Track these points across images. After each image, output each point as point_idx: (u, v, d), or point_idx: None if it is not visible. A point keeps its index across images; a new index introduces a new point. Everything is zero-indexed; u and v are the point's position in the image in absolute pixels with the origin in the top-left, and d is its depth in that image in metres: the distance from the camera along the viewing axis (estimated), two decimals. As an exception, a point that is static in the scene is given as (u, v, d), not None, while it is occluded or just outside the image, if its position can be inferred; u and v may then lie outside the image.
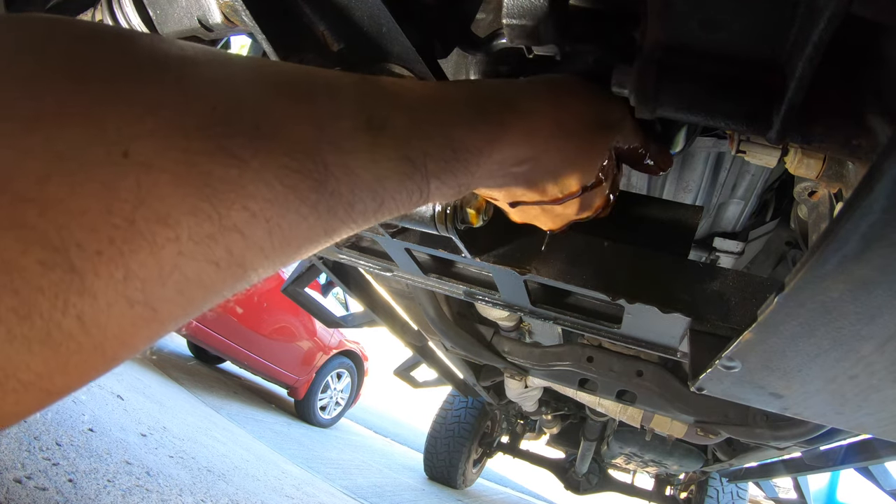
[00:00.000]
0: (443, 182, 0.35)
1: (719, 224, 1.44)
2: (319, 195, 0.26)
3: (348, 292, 1.65)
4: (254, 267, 0.25)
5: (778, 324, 0.41)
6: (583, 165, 0.50)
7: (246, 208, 0.23)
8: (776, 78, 0.43)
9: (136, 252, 0.20)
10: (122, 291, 0.20)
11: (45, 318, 0.19)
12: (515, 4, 0.49)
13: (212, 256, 0.22)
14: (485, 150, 0.39)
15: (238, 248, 0.23)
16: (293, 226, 0.26)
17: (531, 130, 0.43)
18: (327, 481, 4.19)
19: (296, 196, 0.25)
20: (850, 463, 1.95)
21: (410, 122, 0.33)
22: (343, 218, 0.29)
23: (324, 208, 0.27)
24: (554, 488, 6.10)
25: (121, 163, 0.20)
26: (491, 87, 0.43)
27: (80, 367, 0.21)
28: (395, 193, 0.32)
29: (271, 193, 0.24)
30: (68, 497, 2.10)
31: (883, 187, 0.26)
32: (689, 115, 0.47)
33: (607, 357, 1.66)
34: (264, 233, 0.24)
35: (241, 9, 0.51)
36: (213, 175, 0.22)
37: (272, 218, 0.24)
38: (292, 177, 0.25)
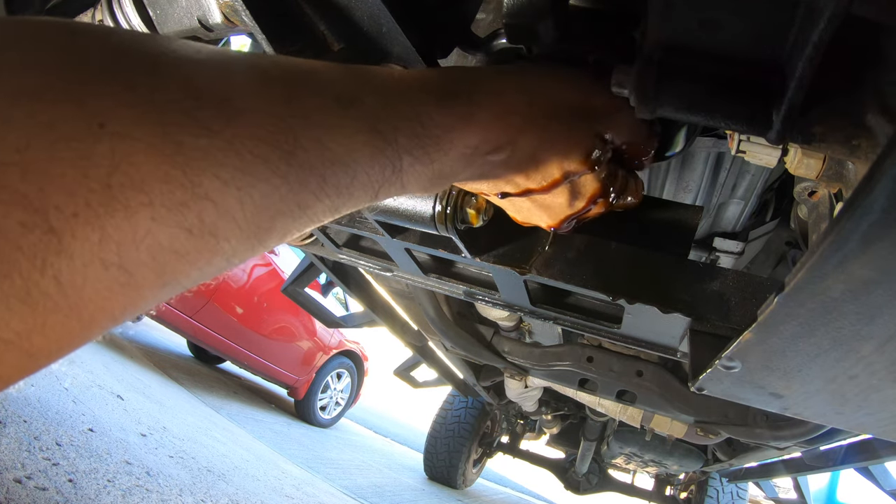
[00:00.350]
0: (416, 158, 0.36)
1: (719, 224, 1.44)
2: (289, 166, 0.27)
3: (348, 292, 1.65)
4: (226, 236, 0.26)
5: (778, 324, 0.41)
6: (562, 150, 0.49)
7: (217, 176, 0.24)
8: (776, 78, 0.43)
9: (111, 215, 0.21)
10: (98, 253, 0.21)
11: (24, 277, 0.20)
12: (515, 4, 0.49)
13: (184, 223, 0.23)
14: (455, 126, 0.39)
15: (210, 216, 0.24)
16: (264, 196, 0.27)
17: (503, 112, 0.44)
18: (327, 481, 4.19)
19: (266, 166, 0.26)
20: (850, 463, 1.95)
21: (380, 99, 0.34)
22: (315, 191, 0.29)
23: (295, 179, 0.28)
24: (554, 488, 6.10)
25: (97, 133, 0.21)
26: (462, 70, 0.44)
27: (59, 328, 0.22)
28: (368, 168, 0.33)
29: (241, 163, 0.25)
30: (68, 497, 2.10)
31: (883, 187, 0.26)
32: (689, 116, 0.47)
33: (607, 357, 1.66)
34: (235, 201, 0.25)
35: (241, 9, 0.51)
36: (185, 144, 0.23)
37: (243, 187, 0.25)
38: (262, 147, 0.26)
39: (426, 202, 0.66)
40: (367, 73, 0.36)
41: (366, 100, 0.33)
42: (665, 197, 1.30)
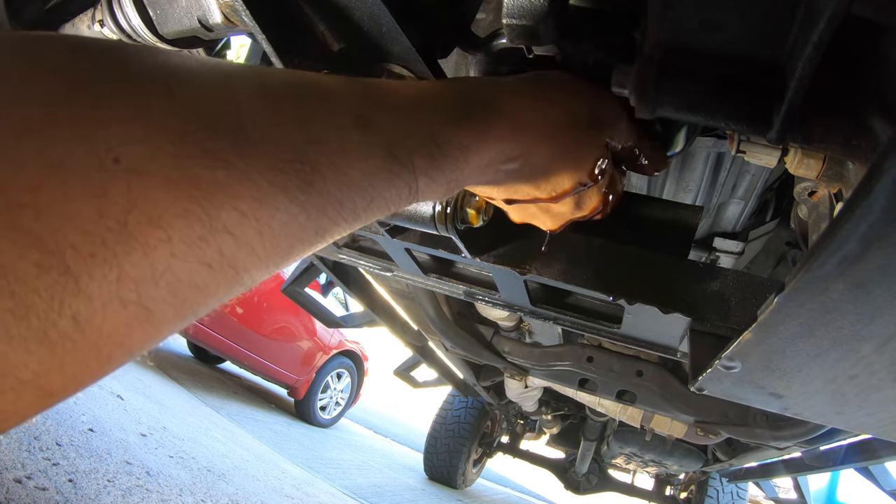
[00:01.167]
0: (431, 178, 0.36)
1: (719, 224, 1.44)
2: (308, 194, 0.27)
3: (348, 292, 1.65)
4: (246, 268, 0.25)
5: (778, 324, 0.41)
6: (574, 162, 0.50)
7: (235, 209, 0.24)
8: (776, 78, 0.43)
9: (128, 254, 0.21)
10: (116, 292, 0.21)
11: (42, 319, 0.19)
12: (515, 4, 0.49)
13: (203, 257, 0.23)
14: (471, 146, 0.39)
15: (229, 249, 0.24)
16: (283, 225, 0.26)
17: (517, 126, 0.44)
18: (327, 481, 4.19)
19: (284, 195, 0.26)
20: (850, 463, 1.95)
21: (395, 120, 0.33)
22: (333, 217, 0.29)
23: (313, 207, 0.27)
24: (554, 488, 6.10)
25: (111, 168, 0.20)
26: (477, 84, 0.44)
27: (77, 367, 0.21)
28: (384, 191, 0.32)
29: (259, 193, 0.24)
30: (68, 497, 2.10)
31: (883, 187, 0.26)
32: (689, 116, 0.47)
33: (607, 357, 1.66)
34: (255, 232, 0.25)
35: (241, 9, 0.51)
36: (201, 178, 0.23)
37: (262, 218, 0.25)
38: (280, 176, 0.25)
39: (426, 202, 0.67)
40: (381, 90, 0.35)
41: (382, 121, 0.32)
42: (665, 197, 1.30)
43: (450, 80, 0.43)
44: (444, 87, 0.41)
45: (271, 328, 5.34)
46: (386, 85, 0.36)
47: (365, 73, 0.57)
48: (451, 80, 0.43)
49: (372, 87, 0.35)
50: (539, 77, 0.50)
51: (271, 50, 0.53)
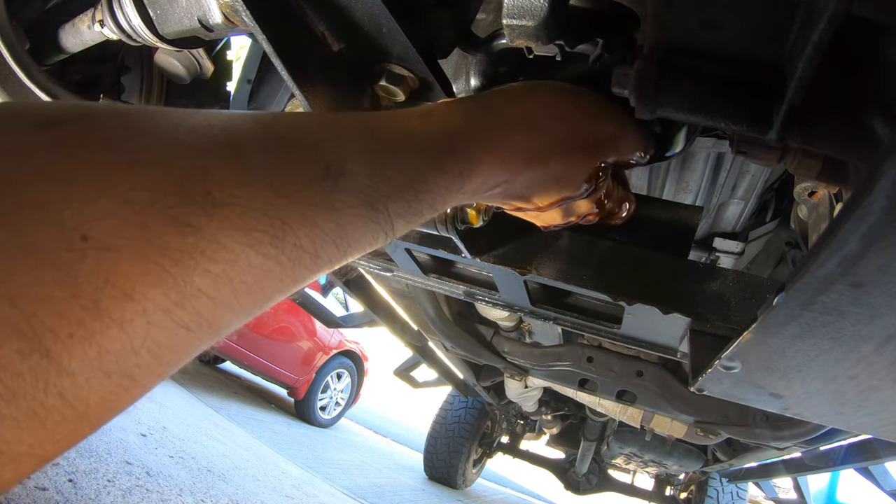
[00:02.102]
0: (408, 221, 0.35)
1: (719, 224, 1.44)
2: (280, 250, 0.27)
3: (348, 292, 1.65)
4: (225, 322, 0.26)
5: (778, 324, 0.41)
6: (562, 182, 0.49)
7: (208, 272, 0.24)
8: (776, 78, 0.43)
9: (105, 330, 0.21)
10: (98, 366, 0.21)
11: (29, 399, 0.20)
12: (515, 5, 0.49)
13: (181, 321, 0.24)
14: (452, 187, 0.38)
15: (206, 310, 0.24)
16: (258, 280, 0.26)
17: (503, 159, 0.42)
18: (327, 481, 4.19)
19: (257, 252, 0.26)
20: (850, 463, 1.95)
21: (371, 168, 0.32)
22: (309, 266, 0.29)
23: (287, 260, 0.27)
24: (554, 488, 6.10)
25: (80, 247, 0.21)
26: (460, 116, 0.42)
27: (68, 436, 0.22)
28: (360, 237, 0.32)
29: (231, 255, 0.25)
30: (68, 497, 2.10)
31: (883, 187, 0.27)
32: (689, 116, 0.47)
33: (607, 357, 1.66)
34: (230, 291, 0.25)
35: (241, 9, 0.51)
36: (171, 246, 0.23)
37: (236, 276, 0.25)
38: (250, 235, 0.25)
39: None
40: (359, 131, 0.34)
41: (356, 170, 0.31)
42: (665, 197, 1.30)
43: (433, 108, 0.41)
44: (427, 122, 0.39)
45: (271, 328, 5.34)
46: (363, 125, 0.35)
47: (365, 73, 0.57)
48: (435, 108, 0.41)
49: (347, 130, 0.34)
50: (531, 93, 0.48)
51: (271, 50, 0.53)
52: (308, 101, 0.56)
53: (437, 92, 0.57)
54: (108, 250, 0.21)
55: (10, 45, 0.83)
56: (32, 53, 0.91)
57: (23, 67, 0.83)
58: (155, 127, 0.25)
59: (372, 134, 0.35)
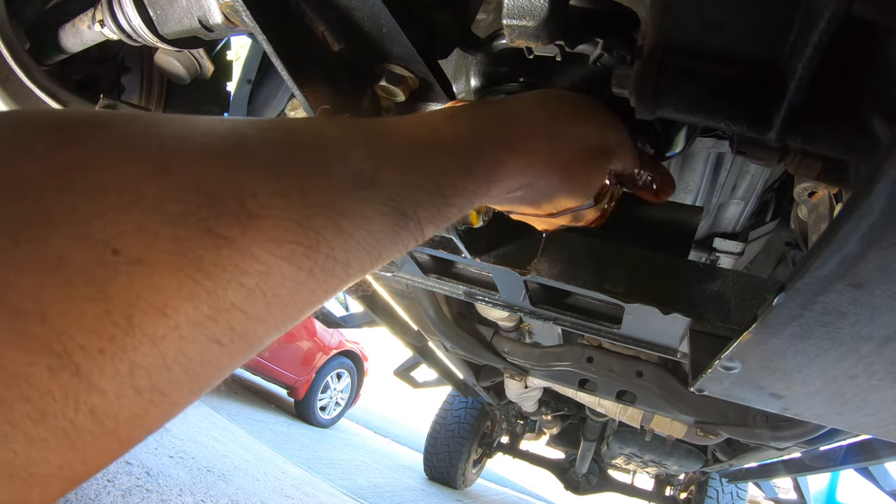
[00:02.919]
0: (437, 226, 0.35)
1: (719, 224, 1.44)
2: (314, 261, 0.26)
3: (348, 292, 1.65)
4: (258, 336, 0.25)
5: (778, 324, 0.41)
6: (580, 188, 0.50)
7: (242, 285, 0.23)
8: (776, 78, 0.43)
9: (138, 346, 0.21)
10: (129, 383, 0.21)
11: (59, 418, 0.19)
12: (515, 5, 0.49)
13: (213, 336, 0.23)
14: (479, 190, 0.38)
15: (239, 324, 0.24)
16: (292, 293, 0.26)
17: (528, 163, 0.43)
18: (327, 481, 4.19)
19: (290, 265, 0.25)
20: (849, 463, 1.95)
21: (400, 174, 0.32)
22: (341, 276, 0.29)
23: (320, 271, 0.27)
24: (554, 488, 6.10)
25: (111, 261, 0.20)
26: (485, 121, 0.42)
27: (98, 455, 0.22)
28: (391, 244, 0.31)
29: (264, 267, 0.24)
30: (68, 497, 2.09)
31: (883, 188, 0.27)
32: (689, 116, 0.47)
33: (607, 357, 1.66)
34: (263, 305, 0.25)
35: (241, 9, 0.51)
36: (205, 259, 0.22)
37: (269, 289, 0.25)
38: (284, 247, 0.25)
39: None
40: (385, 137, 0.34)
41: (386, 177, 0.31)
42: (665, 197, 1.30)
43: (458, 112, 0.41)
44: (452, 126, 0.39)
45: (271, 328, 5.34)
46: (389, 129, 0.35)
47: (365, 74, 0.57)
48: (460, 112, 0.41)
49: (374, 134, 0.33)
50: (555, 100, 0.49)
51: (272, 50, 0.53)
52: (308, 101, 0.56)
53: (437, 92, 0.57)
54: (141, 264, 0.21)
55: (11, 45, 0.83)
56: (32, 53, 0.91)
57: (23, 67, 0.83)
58: (183, 134, 0.25)
59: (400, 138, 0.34)
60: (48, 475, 0.20)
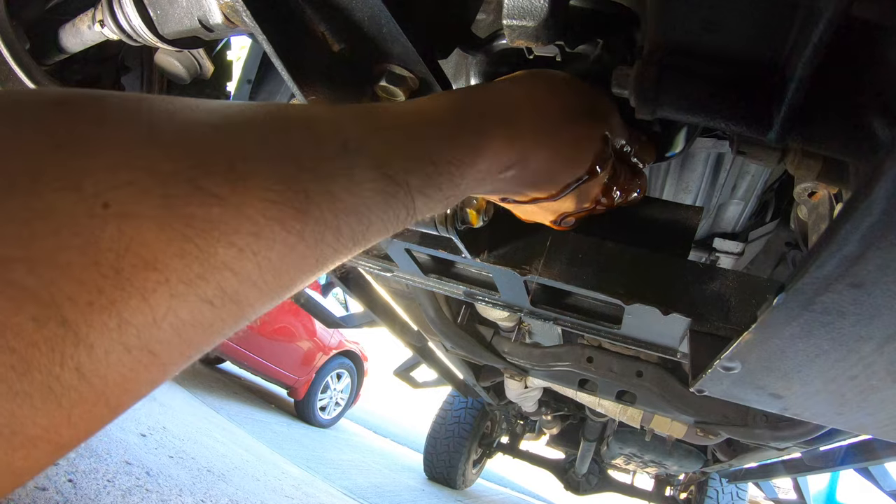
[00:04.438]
0: (428, 196, 0.35)
1: (719, 225, 1.44)
2: (304, 224, 0.27)
3: (348, 292, 1.65)
4: (249, 302, 0.25)
5: (778, 325, 0.41)
6: (573, 158, 0.50)
7: (232, 244, 0.23)
8: (776, 79, 0.43)
9: (127, 299, 0.21)
10: (118, 339, 0.21)
11: (45, 373, 0.19)
12: (516, 5, 0.49)
13: (204, 295, 0.23)
14: (466, 160, 0.38)
15: (230, 285, 0.24)
16: (282, 257, 0.26)
17: (514, 135, 0.43)
18: (327, 481, 4.19)
19: (281, 227, 0.25)
20: (849, 463, 1.95)
21: (387, 142, 0.33)
22: (332, 244, 0.29)
23: (310, 236, 0.27)
24: (554, 489, 6.10)
25: (101, 214, 0.20)
26: (468, 97, 0.43)
27: (85, 418, 0.21)
28: (381, 213, 0.32)
29: (255, 227, 0.24)
30: (68, 497, 2.09)
31: (883, 188, 0.27)
32: (689, 116, 0.47)
33: (607, 357, 1.66)
34: (254, 266, 0.25)
35: (241, 9, 0.51)
36: (195, 216, 0.22)
37: (259, 251, 0.25)
38: (273, 208, 0.25)
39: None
40: (371, 112, 0.35)
41: (374, 144, 0.32)
42: (665, 197, 1.30)
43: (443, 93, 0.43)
44: (437, 101, 0.40)
45: (271, 328, 5.34)
46: (377, 107, 0.36)
47: (365, 74, 0.57)
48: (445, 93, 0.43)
49: (361, 110, 0.35)
50: (532, 76, 0.50)
51: (271, 50, 0.53)
52: (308, 102, 0.56)
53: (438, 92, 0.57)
54: (131, 218, 0.21)
55: (11, 45, 0.83)
56: (32, 53, 0.91)
57: (23, 67, 0.83)
58: (174, 109, 0.25)
59: (387, 113, 0.36)
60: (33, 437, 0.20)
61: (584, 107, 0.50)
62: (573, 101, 0.50)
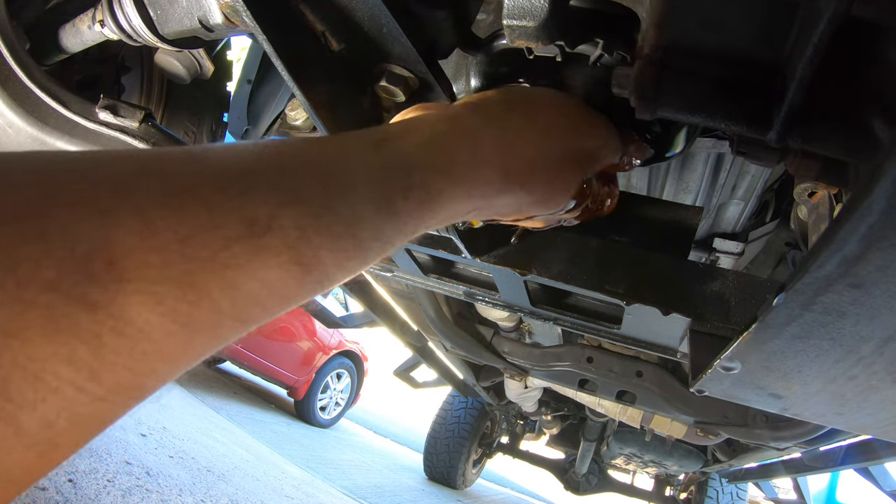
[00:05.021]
0: (349, 270, 0.32)
1: (719, 225, 1.44)
2: (197, 317, 0.25)
3: (348, 292, 1.65)
4: (150, 388, 0.26)
5: (778, 325, 0.41)
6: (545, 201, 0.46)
7: (121, 346, 0.23)
8: (776, 79, 0.43)
9: (18, 411, 0.21)
10: (17, 441, 0.22)
11: None
12: (516, 5, 0.49)
13: (97, 395, 0.23)
14: (406, 229, 0.34)
15: (125, 379, 0.24)
16: (177, 349, 0.25)
17: (471, 191, 0.38)
18: (327, 481, 4.19)
19: (171, 321, 0.24)
20: (849, 463, 1.95)
21: (302, 217, 0.29)
22: (233, 327, 0.27)
23: (207, 326, 0.26)
24: (554, 489, 6.10)
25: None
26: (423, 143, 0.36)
27: None
28: (293, 293, 0.29)
29: (144, 326, 0.24)
30: (68, 497, 2.10)
31: (882, 188, 0.27)
32: (689, 116, 0.47)
33: (607, 357, 1.66)
34: (147, 363, 0.24)
35: (241, 9, 0.51)
36: (80, 324, 0.22)
37: (151, 347, 0.24)
38: (162, 305, 0.24)
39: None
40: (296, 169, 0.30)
41: (285, 223, 0.28)
42: (665, 197, 1.30)
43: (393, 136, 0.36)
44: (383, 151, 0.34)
45: (271, 328, 5.34)
46: (310, 159, 0.31)
47: (365, 74, 0.57)
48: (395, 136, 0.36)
49: (288, 170, 0.29)
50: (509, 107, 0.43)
51: (271, 50, 0.53)
52: (308, 101, 0.56)
53: (438, 92, 0.57)
54: (14, 336, 0.21)
55: (11, 45, 0.83)
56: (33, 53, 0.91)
57: (23, 67, 0.83)
58: (67, 185, 0.24)
59: (314, 174, 0.30)
60: None
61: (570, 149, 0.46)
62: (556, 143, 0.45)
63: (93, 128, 0.82)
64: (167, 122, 1.38)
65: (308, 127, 0.78)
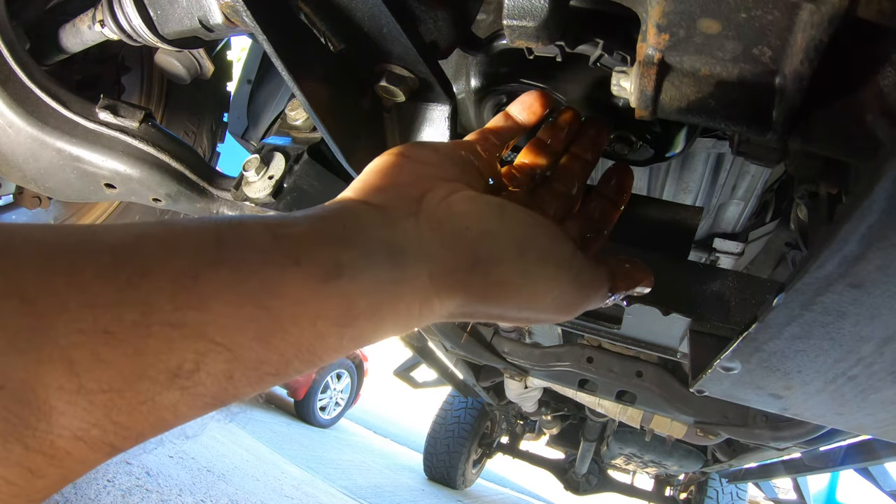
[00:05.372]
0: (258, 388, 0.30)
1: (719, 225, 1.44)
2: (120, 448, 0.26)
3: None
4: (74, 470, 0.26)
5: (778, 325, 0.41)
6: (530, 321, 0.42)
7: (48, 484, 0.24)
8: (776, 79, 0.43)
9: None
10: None
11: None
12: (516, 5, 0.49)
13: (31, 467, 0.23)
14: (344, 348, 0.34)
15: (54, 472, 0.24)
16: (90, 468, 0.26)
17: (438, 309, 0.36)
18: (327, 481, 4.19)
19: (97, 454, 0.25)
20: (849, 464, 1.96)
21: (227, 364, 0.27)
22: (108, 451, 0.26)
23: (122, 450, 0.26)
24: (554, 489, 6.10)
25: None
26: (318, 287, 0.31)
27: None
28: (197, 416, 0.28)
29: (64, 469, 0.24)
30: (68, 497, 2.10)
31: (883, 188, 0.27)
32: (689, 117, 0.47)
33: (607, 358, 1.66)
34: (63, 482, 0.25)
35: (241, 9, 0.51)
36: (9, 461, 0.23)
37: (71, 477, 0.25)
38: (92, 448, 0.25)
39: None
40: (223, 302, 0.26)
41: (211, 370, 0.26)
42: (665, 197, 1.30)
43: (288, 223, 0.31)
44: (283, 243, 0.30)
45: (271, 328, 5.34)
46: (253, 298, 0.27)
47: (365, 74, 0.57)
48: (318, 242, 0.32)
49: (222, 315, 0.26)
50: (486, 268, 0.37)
51: (271, 50, 0.53)
52: (308, 102, 0.56)
53: (438, 92, 0.57)
54: None
55: (11, 45, 0.83)
56: (33, 53, 0.91)
57: (23, 67, 0.83)
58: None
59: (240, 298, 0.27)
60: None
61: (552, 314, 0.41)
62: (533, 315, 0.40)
63: (93, 128, 0.82)
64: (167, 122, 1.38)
65: (308, 127, 0.78)
